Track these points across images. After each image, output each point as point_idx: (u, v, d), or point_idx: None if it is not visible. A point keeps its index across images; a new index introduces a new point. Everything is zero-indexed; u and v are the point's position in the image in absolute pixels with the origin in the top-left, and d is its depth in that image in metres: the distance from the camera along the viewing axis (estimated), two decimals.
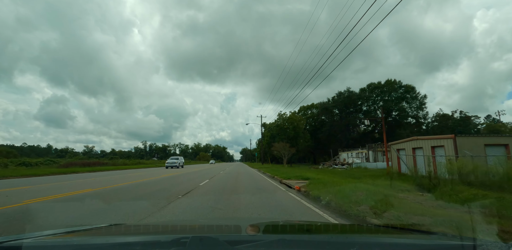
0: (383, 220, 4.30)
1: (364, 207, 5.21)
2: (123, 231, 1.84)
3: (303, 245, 1.25)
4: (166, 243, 1.18)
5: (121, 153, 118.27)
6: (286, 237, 1.45)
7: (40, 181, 13.58)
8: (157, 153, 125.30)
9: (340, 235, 1.64)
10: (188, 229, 1.97)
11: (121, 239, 1.49)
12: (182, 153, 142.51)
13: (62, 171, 22.09)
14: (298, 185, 9.74)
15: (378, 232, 1.85)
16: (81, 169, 25.73)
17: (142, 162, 54.01)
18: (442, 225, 3.77)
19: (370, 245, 1.32)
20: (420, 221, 4.08)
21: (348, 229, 2.02)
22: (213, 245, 1.14)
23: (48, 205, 6.19)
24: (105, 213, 5.25)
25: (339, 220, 4.85)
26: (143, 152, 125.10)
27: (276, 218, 4.76)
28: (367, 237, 1.60)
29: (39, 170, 23.00)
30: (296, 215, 5.21)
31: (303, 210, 5.78)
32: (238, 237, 1.48)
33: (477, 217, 4.21)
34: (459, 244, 1.23)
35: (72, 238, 1.48)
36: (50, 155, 78.54)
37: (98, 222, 4.48)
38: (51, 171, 21.01)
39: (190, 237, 1.16)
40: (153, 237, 1.52)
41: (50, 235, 1.48)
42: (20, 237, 1.33)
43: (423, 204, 5.82)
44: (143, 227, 2.06)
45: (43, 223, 4.50)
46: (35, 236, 1.39)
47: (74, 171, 22.94)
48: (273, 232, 1.75)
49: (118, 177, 16.33)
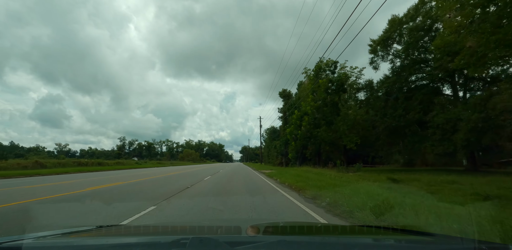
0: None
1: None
2: (122, 232, 1.87)
3: (303, 246, 1.25)
4: (166, 244, 1.21)
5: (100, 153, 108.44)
6: (286, 238, 1.47)
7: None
8: (141, 151, 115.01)
9: (340, 236, 1.64)
10: (188, 230, 1.95)
11: (121, 240, 1.50)
12: (169, 151, 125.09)
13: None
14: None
15: (379, 233, 1.81)
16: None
17: (120, 162, 46.09)
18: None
19: (371, 246, 1.33)
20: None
21: (348, 230, 2.00)
22: (213, 246, 1.13)
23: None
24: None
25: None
26: (121, 150, 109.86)
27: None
28: (367, 238, 1.61)
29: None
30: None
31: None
32: (238, 238, 1.45)
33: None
34: (460, 246, 1.26)
35: (72, 239, 1.48)
36: (9, 155, 68.19)
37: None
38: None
39: (190, 238, 1.14)
40: (153, 238, 1.50)
41: (50, 236, 1.48)
42: (20, 237, 1.32)
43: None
44: (143, 228, 1.99)
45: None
46: (35, 236, 1.40)
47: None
48: (273, 233, 1.77)
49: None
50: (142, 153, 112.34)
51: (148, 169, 31.76)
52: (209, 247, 1.13)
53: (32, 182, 12.90)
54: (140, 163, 46.66)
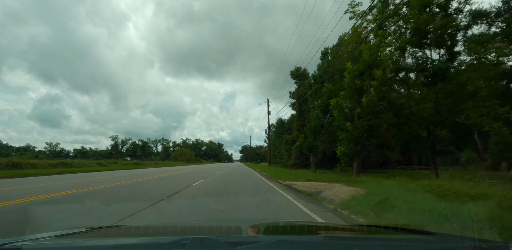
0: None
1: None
2: (123, 233, 1.84)
3: (304, 246, 1.25)
4: (167, 245, 1.19)
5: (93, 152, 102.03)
6: (287, 238, 1.44)
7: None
8: (135, 151, 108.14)
9: (340, 236, 1.63)
10: (189, 230, 1.92)
11: (121, 240, 1.48)
12: (164, 151, 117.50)
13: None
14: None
15: (379, 232, 1.81)
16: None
17: (100, 163, 39.04)
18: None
19: (371, 246, 1.32)
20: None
21: (348, 230, 1.98)
22: (213, 246, 1.12)
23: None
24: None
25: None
26: (113, 150, 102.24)
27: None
28: (367, 237, 1.61)
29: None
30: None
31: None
32: (239, 238, 1.45)
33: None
34: (460, 244, 1.25)
35: (72, 240, 1.46)
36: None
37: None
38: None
39: (191, 239, 1.13)
40: (153, 239, 1.48)
41: (50, 237, 1.47)
42: (20, 239, 1.31)
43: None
44: (143, 229, 1.95)
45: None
46: (35, 238, 1.40)
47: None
48: (273, 233, 1.75)
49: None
50: (137, 153, 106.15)
51: (108, 173, 21.52)
52: (210, 247, 1.12)
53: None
54: (104, 164, 37.05)
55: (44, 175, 18.66)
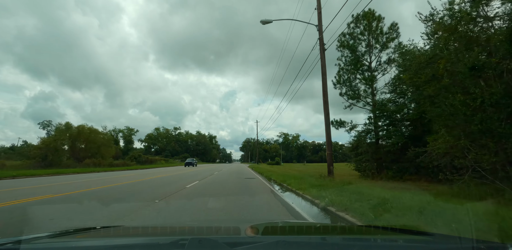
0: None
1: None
2: (121, 233, 1.84)
3: (303, 246, 1.27)
4: (165, 245, 1.18)
5: None
6: (285, 239, 1.44)
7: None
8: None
9: (339, 236, 1.63)
10: (187, 230, 1.93)
11: (120, 241, 1.47)
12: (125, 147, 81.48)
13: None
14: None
15: (377, 233, 1.81)
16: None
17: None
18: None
19: (370, 246, 1.33)
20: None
21: (347, 230, 1.99)
22: (212, 247, 1.12)
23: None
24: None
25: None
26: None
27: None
28: (366, 238, 1.61)
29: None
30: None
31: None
32: (237, 238, 1.44)
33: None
34: (458, 245, 1.26)
35: (71, 240, 1.46)
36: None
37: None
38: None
39: (189, 239, 1.13)
40: (152, 239, 1.49)
41: (49, 237, 1.46)
42: (18, 239, 1.29)
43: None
44: (142, 229, 1.96)
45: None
46: (33, 238, 1.38)
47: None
48: (272, 234, 1.75)
49: None
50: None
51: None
52: (208, 247, 1.12)
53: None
54: None
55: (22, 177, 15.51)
